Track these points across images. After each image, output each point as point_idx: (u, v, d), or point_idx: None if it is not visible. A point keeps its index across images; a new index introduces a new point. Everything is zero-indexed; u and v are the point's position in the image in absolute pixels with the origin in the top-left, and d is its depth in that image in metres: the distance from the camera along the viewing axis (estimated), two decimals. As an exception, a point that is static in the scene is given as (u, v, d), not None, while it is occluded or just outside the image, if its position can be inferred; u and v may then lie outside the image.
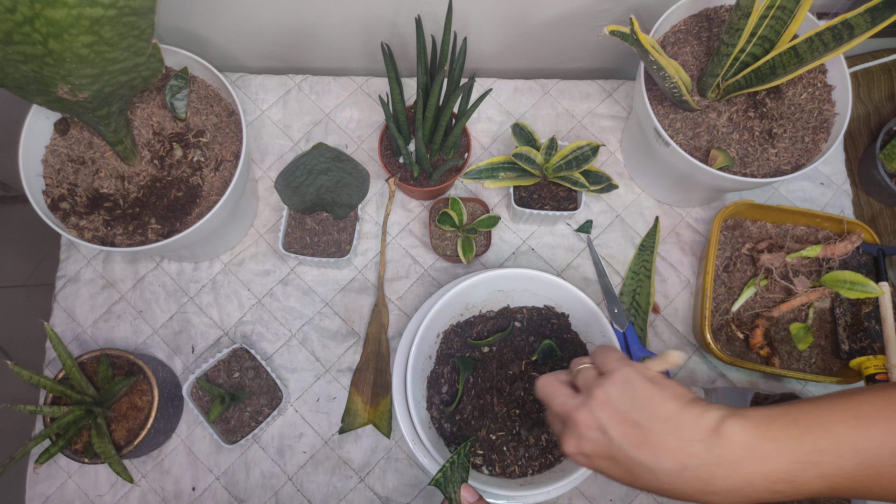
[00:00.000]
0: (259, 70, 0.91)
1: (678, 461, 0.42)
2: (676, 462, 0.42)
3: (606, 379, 0.47)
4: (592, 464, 0.47)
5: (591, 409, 0.46)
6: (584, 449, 0.46)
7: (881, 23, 0.60)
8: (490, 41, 0.86)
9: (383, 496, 0.76)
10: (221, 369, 0.75)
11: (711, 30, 0.75)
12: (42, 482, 0.76)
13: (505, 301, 0.74)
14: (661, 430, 0.43)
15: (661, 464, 0.42)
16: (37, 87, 0.57)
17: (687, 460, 0.42)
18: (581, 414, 0.46)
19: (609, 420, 0.45)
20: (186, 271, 0.82)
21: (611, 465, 0.45)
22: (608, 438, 0.45)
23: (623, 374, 0.46)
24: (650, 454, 0.43)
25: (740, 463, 0.41)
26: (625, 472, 0.45)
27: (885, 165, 0.89)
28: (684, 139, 0.73)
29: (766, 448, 0.41)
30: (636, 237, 0.85)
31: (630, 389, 0.45)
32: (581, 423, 0.46)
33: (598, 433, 0.45)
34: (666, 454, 0.42)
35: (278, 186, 0.68)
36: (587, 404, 0.46)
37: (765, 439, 0.41)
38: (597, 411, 0.46)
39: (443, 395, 0.70)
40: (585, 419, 0.46)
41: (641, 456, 0.43)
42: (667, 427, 0.43)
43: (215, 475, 0.76)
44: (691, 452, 0.42)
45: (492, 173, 0.75)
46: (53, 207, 0.69)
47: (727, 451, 0.41)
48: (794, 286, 0.76)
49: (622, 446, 0.44)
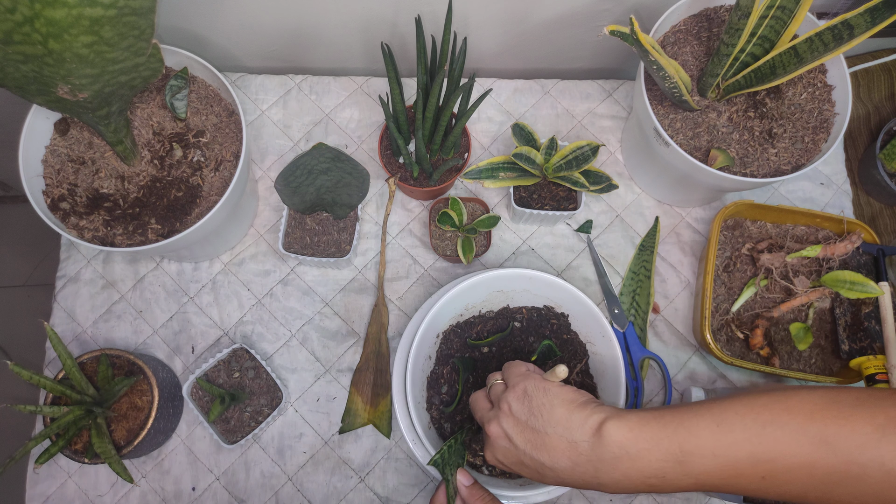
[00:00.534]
0: (259, 70, 0.91)
1: (570, 459, 0.48)
2: (569, 460, 0.48)
3: (509, 392, 0.53)
4: (509, 468, 0.53)
5: (498, 421, 0.52)
6: (497, 456, 0.53)
7: (881, 23, 0.60)
8: (490, 41, 0.86)
9: (383, 496, 0.76)
10: (221, 369, 0.75)
11: (711, 30, 0.75)
12: (42, 482, 0.76)
13: (504, 301, 0.74)
14: (555, 434, 0.49)
15: (558, 463, 0.49)
16: (37, 87, 0.57)
17: (576, 458, 0.48)
18: (492, 426, 0.53)
19: (512, 429, 0.51)
20: (186, 271, 0.82)
21: (522, 467, 0.52)
22: (514, 445, 0.51)
23: (522, 386, 0.52)
24: (548, 455, 0.49)
25: (618, 460, 0.46)
26: (533, 472, 0.51)
27: (885, 165, 0.89)
28: (684, 139, 0.73)
29: (637, 447, 0.46)
30: (636, 237, 0.85)
31: (527, 400, 0.51)
32: (491, 434, 0.53)
33: (506, 441, 0.52)
34: (560, 454, 0.48)
35: (278, 186, 0.68)
36: (497, 416, 0.53)
37: (637, 440, 0.46)
38: (503, 422, 0.52)
39: (443, 395, 0.70)
40: (495, 430, 0.52)
41: (542, 457, 0.49)
42: (558, 430, 0.49)
43: (215, 475, 0.76)
44: (579, 451, 0.48)
45: (492, 173, 0.75)
46: (53, 207, 0.69)
47: (606, 450, 0.47)
48: (794, 286, 0.76)
49: (525, 451, 0.50)
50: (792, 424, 0.43)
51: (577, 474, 0.48)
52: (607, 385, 0.70)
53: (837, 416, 0.42)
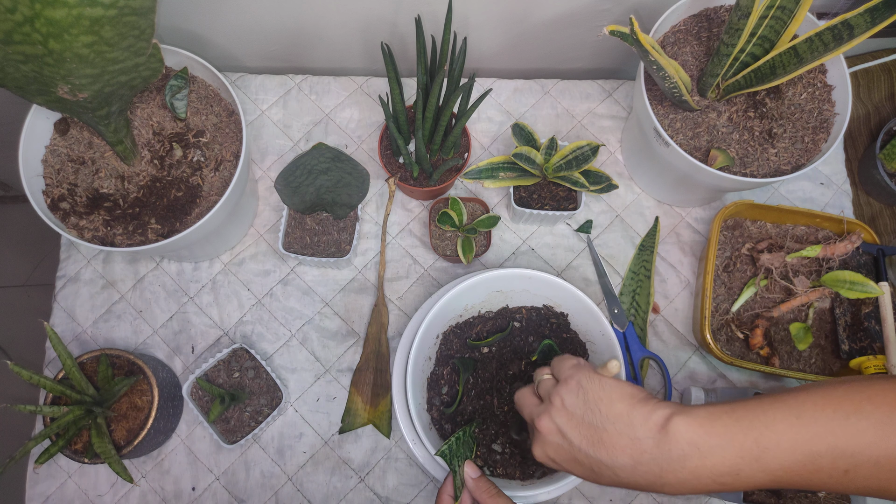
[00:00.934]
0: (259, 70, 0.91)
1: (632, 457, 0.45)
2: (630, 458, 0.45)
3: (561, 386, 0.50)
4: (560, 466, 0.50)
5: (550, 416, 0.50)
6: (549, 453, 0.50)
7: (881, 23, 0.60)
8: (490, 41, 0.86)
9: (383, 496, 0.76)
10: (221, 369, 0.75)
11: (711, 30, 0.75)
12: (42, 482, 0.76)
13: (504, 301, 0.74)
14: (614, 430, 0.46)
15: (617, 461, 0.46)
16: (37, 87, 0.57)
17: (639, 456, 0.45)
18: (543, 421, 0.50)
19: (567, 424, 0.48)
20: (186, 271, 0.82)
21: (575, 465, 0.49)
22: (568, 441, 0.48)
23: (575, 380, 0.50)
24: (607, 453, 0.46)
25: (687, 458, 0.43)
26: (588, 470, 0.48)
27: (885, 165, 0.89)
28: (684, 139, 0.73)
29: (710, 444, 0.43)
30: (636, 237, 0.85)
31: (582, 394, 0.49)
32: (544, 429, 0.50)
33: (559, 437, 0.49)
34: (621, 452, 0.45)
35: (278, 186, 0.68)
36: (548, 411, 0.50)
37: (709, 436, 0.43)
38: (556, 417, 0.49)
39: (443, 396, 0.70)
40: (547, 425, 0.50)
41: (599, 455, 0.46)
42: (619, 426, 0.46)
43: (215, 475, 0.76)
44: (643, 449, 0.45)
45: (492, 173, 0.75)
46: (53, 207, 0.69)
47: (674, 447, 0.44)
48: (794, 286, 0.76)
49: (581, 447, 0.47)
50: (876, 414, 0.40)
51: (638, 473, 0.45)
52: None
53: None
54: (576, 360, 0.53)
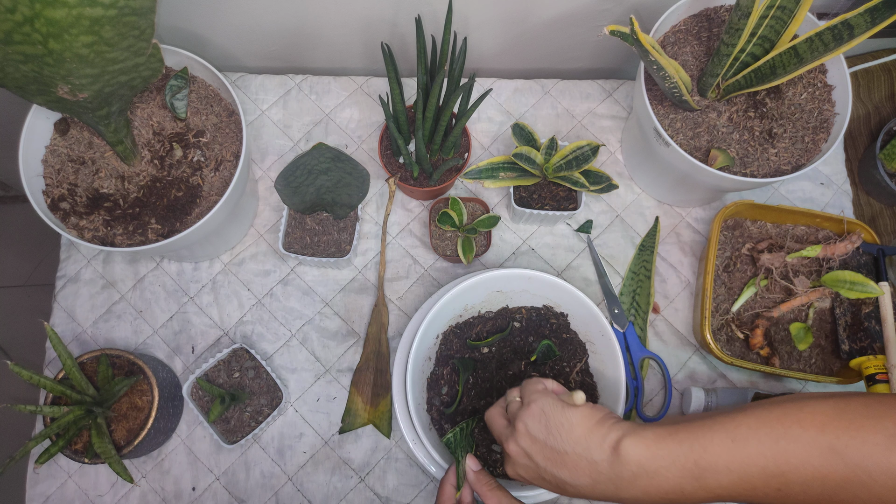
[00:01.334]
0: (259, 70, 0.91)
1: (590, 477, 0.49)
2: (589, 478, 0.49)
3: (524, 411, 0.54)
4: (530, 483, 0.54)
5: (516, 440, 0.53)
6: (518, 472, 0.54)
7: (881, 23, 0.60)
8: (490, 41, 0.86)
9: (383, 496, 0.76)
10: (221, 369, 0.75)
11: (711, 30, 0.75)
12: (42, 482, 0.76)
13: (503, 301, 0.74)
14: (574, 453, 0.50)
15: (579, 480, 0.50)
16: (37, 87, 0.57)
17: (597, 476, 0.49)
18: (509, 445, 0.54)
19: (531, 447, 0.52)
20: (186, 271, 0.82)
21: (543, 482, 0.53)
22: (535, 463, 0.52)
23: (538, 405, 0.53)
24: (569, 473, 0.50)
25: (637, 477, 0.47)
26: (554, 486, 0.52)
27: (885, 165, 0.89)
28: (684, 139, 0.73)
29: (655, 465, 0.47)
30: (636, 237, 0.85)
31: (545, 419, 0.52)
32: (511, 452, 0.54)
33: (526, 459, 0.53)
34: (581, 473, 0.50)
35: (278, 186, 0.68)
36: (513, 436, 0.54)
37: (654, 458, 0.47)
38: (521, 441, 0.53)
39: (443, 396, 0.70)
40: (514, 449, 0.53)
41: (562, 475, 0.51)
42: (578, 449, 0.50)
43: (215, 475, 0.76)
44: (599, 470, 0.49)
45: (492, 173, 0.75)
46: (53, 207, 0.69)
47: (625, 468, 0.48)
48: (794, 286, 0.76)
49: (546, 468, 0.51)
50: (804, 437, 0.43)
51: (597, 491, 0.49)
52: (607, 384, 0.70)
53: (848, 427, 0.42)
54: (542, 385, 0.56)
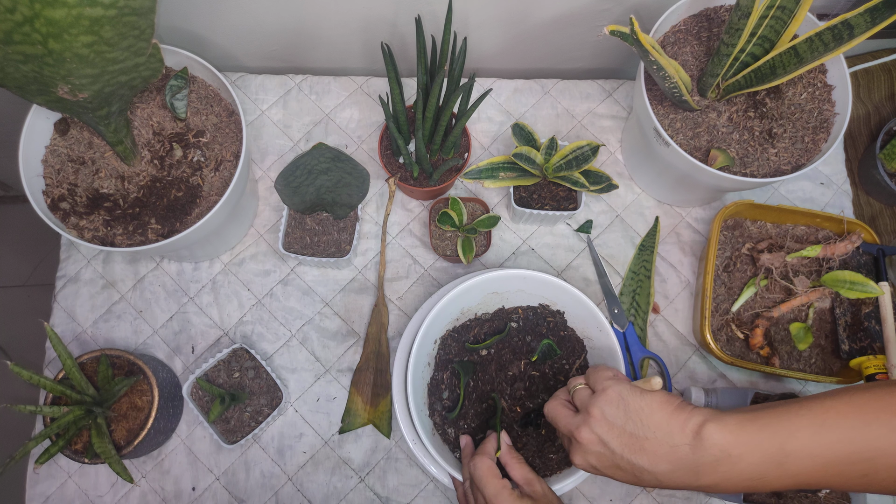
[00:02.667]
0: (259, 70, 0.91)
1: (670, 463, 0.49)
2: (669, 464, 0.49)
3: (599, 397, 0.53)
4: (601, 473, 0.53)
5: (590, 427, 0.52)
6: (590, 461, 0.53)
7: (881, 23, 0.60)
8: (490, 41, 0.86)
9: (383, 496, 0.76)
10: (221, 369, 0.75)
11: (711, 30, 0.75)
12: (42, 482, 0.76)
13: (500, 302, 0.74)
14: (654, 438, 0.49)
15: (658, 466, 0.49)
16: (37, 87, 0.57)
17: (677, 462, 0.48)
18: (582, 432, 0.52)
19: (607, 434, 0.51)
20: (186, 271, 0.82)
21: (616, 471, 0.52)
22: (610, 450, 0.51)
23: (615, 391, 0.52)
24: (647, 459, 0.49)
25: (719, 462, 0.47)
26: (629, 475, 0.51)
27: (885, 165, 0.89)
28: (684, 139, 0.73)
29: (738, 450, 0.47)
30: (636, 237, 0.85)
31: (622, 404, 0.52)
32: (583, 440, 0.52)
33: (600, 447, 0.52)
34: (661, 459, 0.49)
35: (278, 186, 0.68)
36: (587, 422, 0.52)
37: (738, 443, 0.47)
38: (596, 428, 0.52)
39: (444, 401, 0.70)
40: (587, 436, 0.52)
41: (640, 461, 0.50)
42: (658, 434, 0.49)
43: (215, 475, 0.76)
44: (680, 456, 0.48)
45: (492, 173, 0.75)
46: (53, 207, 0.69)
47: (707, 452, 0.47)
48: (794, 286, 0.76)
49: (623, 455, 0.50)
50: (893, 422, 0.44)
51: (676, 477, 0.49)
52: (607, 385, 0.70)
53: None
54: (613, 372, 0.55)
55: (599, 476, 0.75)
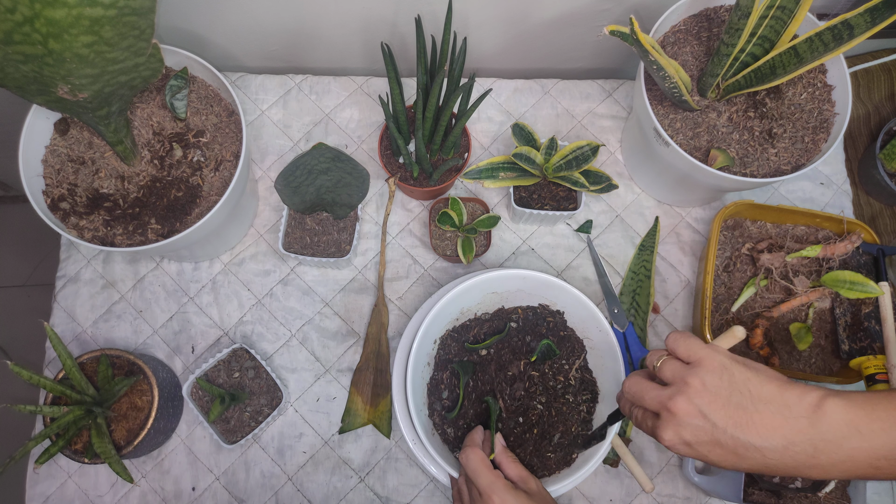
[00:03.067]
0: (259, 70, 0.91)
1: (785, 437, 0.44)
2: (783, 438, 0.44)
3: (699, 367, 0.48)
4: (694, 451, 0.48)
5: (688, 398, 0.47)
6: (684, 437, 0.47)
7: (881, 23, 0.60)
8: (490, 41, 0.86)
9: (383, 496, 0.76)
10: (221, 369, 0.75)
11: (711, 30, 0.75)
12: (42, 482, 0.76)
13: (499, 302, 0.74)
14: (766, 410, 0.45)
15: (769, 441, 0.45)
16: (37, 87, 0.57)
17: (793, 436, 0.44)
18: (678, 403, 0.47)
19: (709, 406, 0.46)
20: (186, 271, 0.82)
21: (714, 448, 0.47)
22: (711, 423, 0.46)
23: (717, 360, 0.48)
24: (757, 434, 0.45)
25: (845, 438, 0.43)
26: (729, 453, 0.46)
27: (885, 165, 0.89)
28: (684, 139, 0.73)
29: (870, 426, 0.43)
30: (636, 237, 0.85)
31: (726, 374, 0.47)
32: (679, 411, 0.47)
33: (699, 419, 0.46)
34: (773, 432, 0.45)
35: (278, 186, 0.68)
36: (684, 393, 0.47)
37: (869, 418, 0.43)
38: (695, 398, 0.47)
39: (444, 400, 0.70)
40: (684, 407, 0.47)
41: (748, 436, 0.45)
42: (771, 407, 0.45)
43: (215, 475, 0.76)
44: (798, 429, 0.44)
45: (492, 173, 0.75)
46: (53, 207, 0.69)
47: (832, 427, 0.44)
48: (794, 286, 0.76)
49: (726, 429, 0.46)
50: None
51: (788, 454, 0.45)
52: (607, 379, 0.70)
53: None
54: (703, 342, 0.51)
55: (596, 474, 0.75)
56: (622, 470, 0.77)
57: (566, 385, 0.71)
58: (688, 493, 0.77)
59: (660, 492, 0.77)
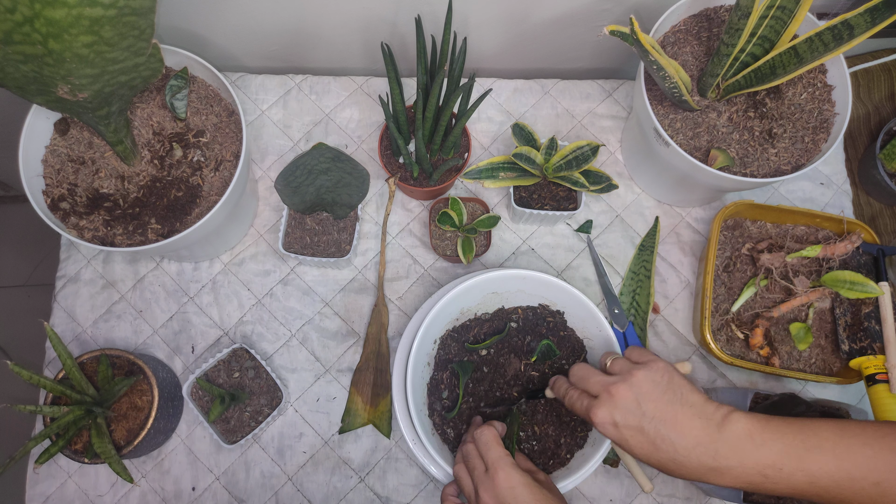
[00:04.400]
0: (259, 70, 0.91)
1: (696, 438, 0.51)
2: (694, 439, 0.51)
3: (646, 365, 0.55)
4: (618, 433, 0.54)
5: (629, 385, 0.54)
6: (615, 417, 0.53)
7: (881, 23, 0.60)
8: (490, 41, 0.86)
9: (383, 496, 0.76)
10: (221, 369, 0.75)
11: (711, 30, 0.75)
12: (42, 482, 0.76)
13: (499, 303, 0.74)
14: (689, 412, 0.52)
15: (683, 439, 0.51)
16: (37, 87, 0.57)
17: (702, 437, 0.50)
18: (619, 388, 0.54)
19: (646, 395, 0.53)
20: (186, 271, 0.82)
21: (635, 434, 0.53)
22: (641, 412, 0.53)
23: (663, 364, 0.55)
24: (676, 430, 0.51)
25: (740, 444, 0.50)
26: (648, 442, 0.52)
27: (885, 165, 0.89)
28: (684, 139, 0.73)
29: (762, 436, 0.49)
30: (636, 237, 0.85)
31: (667, 375, 0.54)
32: (618, 394, 0.54)
33: (633, 405, 0.53)
34: (689, 431, 0.51)
35: (278, 186, 0.68)
36: (626, 381, 0.54)
37: (762, 430, 0.50)
38: (635, 387, 0.53)
39: (443, 400, 0.70)
40: (623, 391, 0.54)
41: (668, 431, 0.51)
42: (693, 410, 0.52)
43: (215, 475, 0.76)
44: (707, 432, 0.51)
45: (492, 173, 0.75)
46: (53, 207, 0.69)
47: (732, 433, 0.50)
48: (794, 286, 0.76)
49: (653, 418, 0.52)
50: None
51: (694, 455, 0.50)
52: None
53: None
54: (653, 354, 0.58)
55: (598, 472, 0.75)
56: (622, 470, 0.77)
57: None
58: (688, 493, 0.77)
59: (660, 492, 0.77)
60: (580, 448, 0.68)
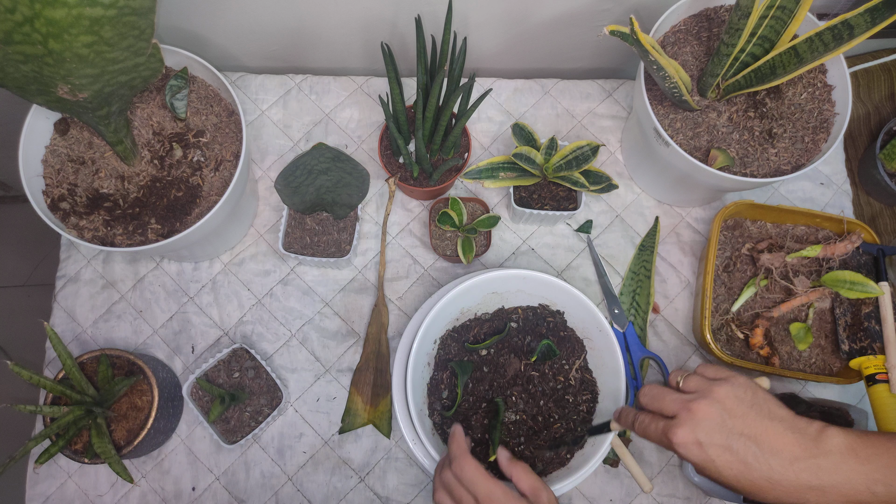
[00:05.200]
0: (259, 70, 0.91)
1: (791, 454, 0.47)
2: (791, 454, 0.47)
3: (727, 381, 0.51)
4: (703, 453, 0.49)
5: (711, 401, 0.50)
6: (699, 436, 0.49)
7: (881, 23, 0.60)
8: (490, 41, 0.86)
9: (383, 496, 0.76)
10: (221, 369, 0.75)
11: (711, 30, 0.75)
12: (42, 482, 0.76)
13: (499, 302, 0.74)
14: (780, 428, 0.48)
15: (777, 456, 0.48)
16: (37, 87, 0.57)
17: (800, 452, 0.47)
18: (700, 405, 0.50)
19: (731, 412, 0.49)
20: (186, 271, 0.82)
21: (723, 453, 0.49)
22: (727, 428, 0.49)
23: (744, 379, 0.51)
24: (768, 447, 0.48)
25: (843, 460, 0.47)
26: (738, 461, 0.48)
27: (885, 165, 0.89)
28: (684, 139, 0.73)
29: (865, 452, 0.47)
30: (636, 237, 0.85)
31: (751, 391, 0.51)
32: (700, 411, 0.49)
33: (718, 422, 0.49)
34: (783, 447, 0.48)
35: (278, 186, 0.68)
36: (707, 397, 0.50)
37: (864, 445, 0.47)
38: (718, 403, 0.50)
39: (444, 400, 0.70)
40: (706, 409, 0.49)
41: (759, 448, 0.48)
42: (784, 425, 0.49)
43: (215, 475, 0.76)
44: (804, 446, 0.47)
45: (492, 173, 0.75)
46: (53, 207, 0.69)
47: (833, 448, 0.47)
48: (794, 286, 0.76)
49: (742, 436, 0.48)
50: None
51: (792, 472, 0.47)
52: (607, 379, 0.70)
53: None
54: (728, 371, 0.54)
55: (602, 473, 0.75)
56: (622, 470, 0.77)
57: (566, 385, 0.71)
58: (688, 493, 0.77)
59: (660, 492, 0.77)
60: (580, 448, 0.68)
